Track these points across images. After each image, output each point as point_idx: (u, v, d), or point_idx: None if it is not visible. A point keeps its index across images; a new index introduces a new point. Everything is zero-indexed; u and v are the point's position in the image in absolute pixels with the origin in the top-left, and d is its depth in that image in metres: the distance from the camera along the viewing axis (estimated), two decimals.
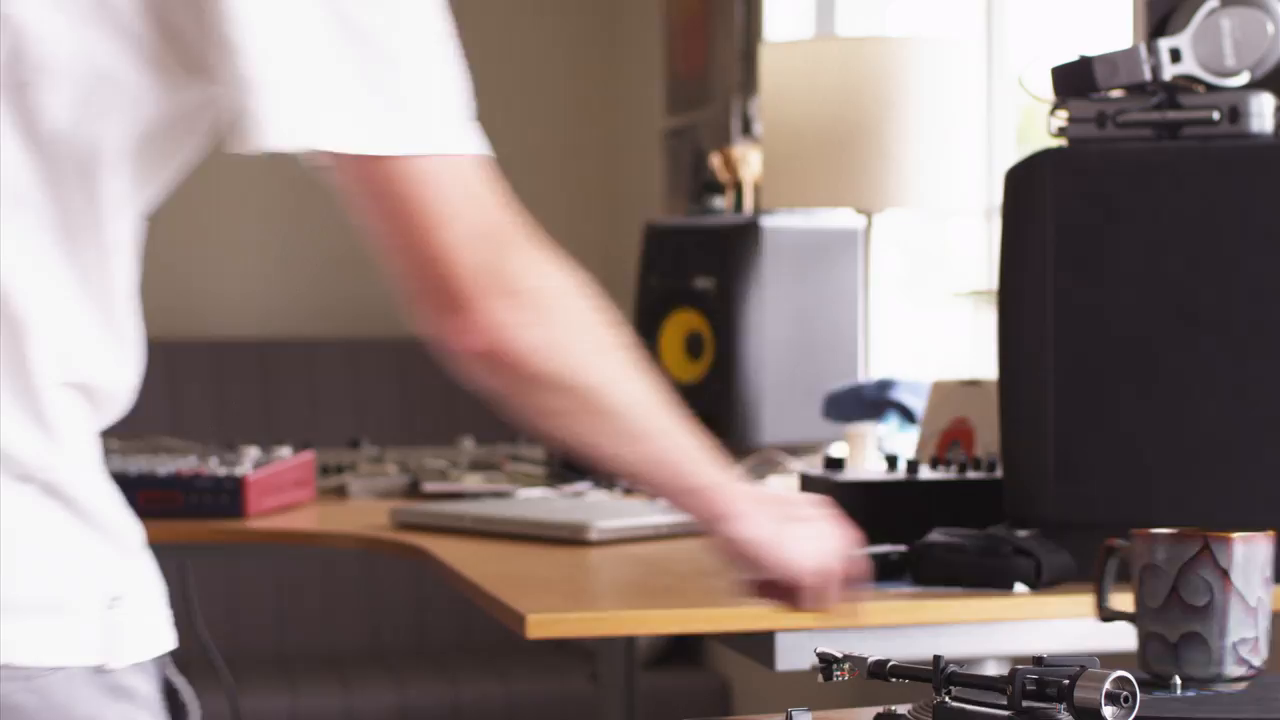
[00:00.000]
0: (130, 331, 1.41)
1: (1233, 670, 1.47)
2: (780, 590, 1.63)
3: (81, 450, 1.36)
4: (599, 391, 1.49)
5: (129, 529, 1.39)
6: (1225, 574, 1.46)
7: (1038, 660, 1.31)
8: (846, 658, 1.40)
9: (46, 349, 1.33)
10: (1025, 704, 1.28)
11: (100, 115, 1.34)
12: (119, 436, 3.51)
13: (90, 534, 1.35)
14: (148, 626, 1.38)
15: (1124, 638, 1.57)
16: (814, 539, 1.62)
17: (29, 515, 1.32)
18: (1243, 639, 1.47)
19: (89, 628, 1.33)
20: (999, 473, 2.22)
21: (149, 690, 1.38)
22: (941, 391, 2.79)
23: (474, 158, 1.41)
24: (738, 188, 3.72)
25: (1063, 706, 1.27)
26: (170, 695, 1.42)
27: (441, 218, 1.39)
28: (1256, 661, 1.48)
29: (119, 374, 1.40)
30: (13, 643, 1.29)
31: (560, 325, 1.46)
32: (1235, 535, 1.47)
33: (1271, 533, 1.49)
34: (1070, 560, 2.03)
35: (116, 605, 1.35)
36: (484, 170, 1.42)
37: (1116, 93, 2.10)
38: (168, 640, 1.40)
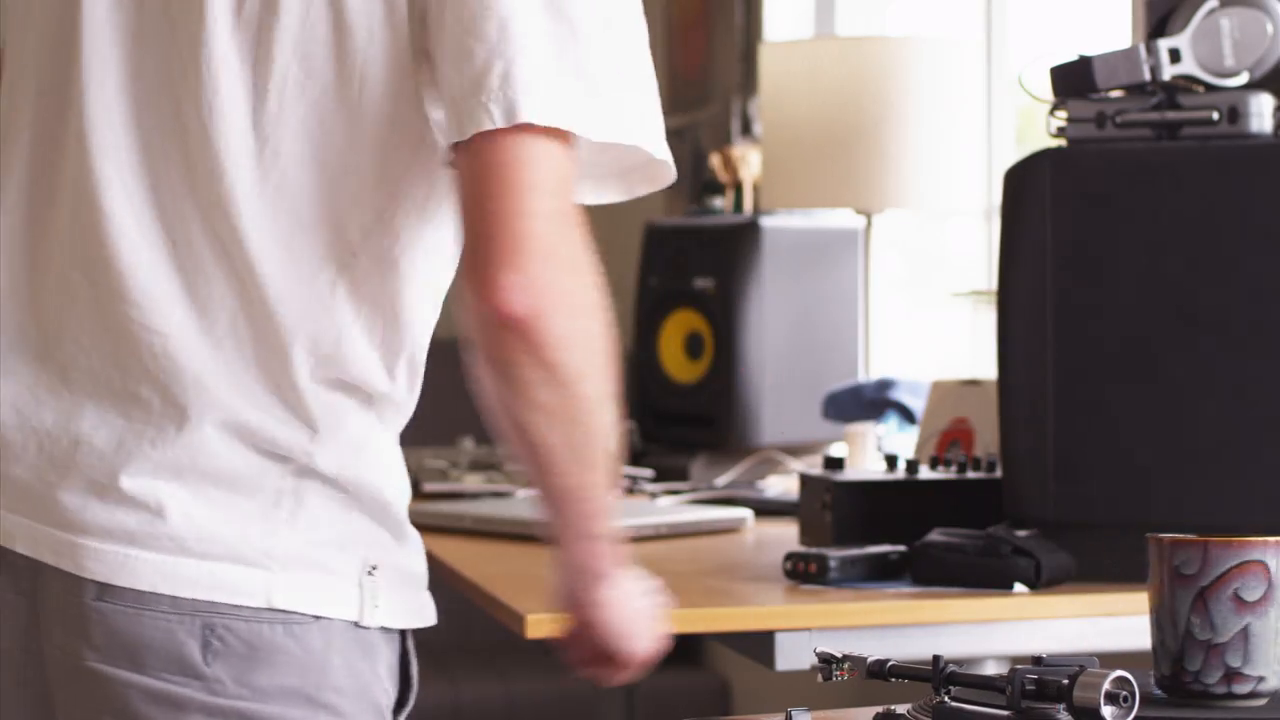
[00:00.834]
0: (407, 347, 1.59)
1: None
2: (595, 658, 1.65)
3: (344, 439, 1.55)
4: (587, 406, 1.52)
5: (392, 514, 1.59)
6: None
7: (1037, 660, 1.31)
8: (846, 658, 1.40)
9: (308, 352, 1.53)
10: (1024, 704, 1.28)
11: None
12: None
13: (351, 511, 1.56)
14: (400, 598, 1.58)
15: (1124, 637, 1.57)
16: (650, 623, 1.66)
17: (290, 489, 1.54)
18: None
19: (347, 587, 1.55)
20: (998, 473, 2.22)
21: (390, 657, 1.59)
22: (941, 391, 2.79)
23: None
24: (738, 188, 3.72)
25: (1062, 706, 1.27)
26: (404, 668, 1.61)
27: (534, 180, 1.47)
28: None
29: (387, 382, 1.58)
30: (278, 590, 1.52)
31: (585, 331, 1.51)
32: None
33: None
34: (1069, 560, 2.03)
35: (374, 573, 1.56)
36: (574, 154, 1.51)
37: (1116, 93, 2.10)
38: (418, 618, 1.60)
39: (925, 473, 2.33)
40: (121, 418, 1.54)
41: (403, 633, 1.61)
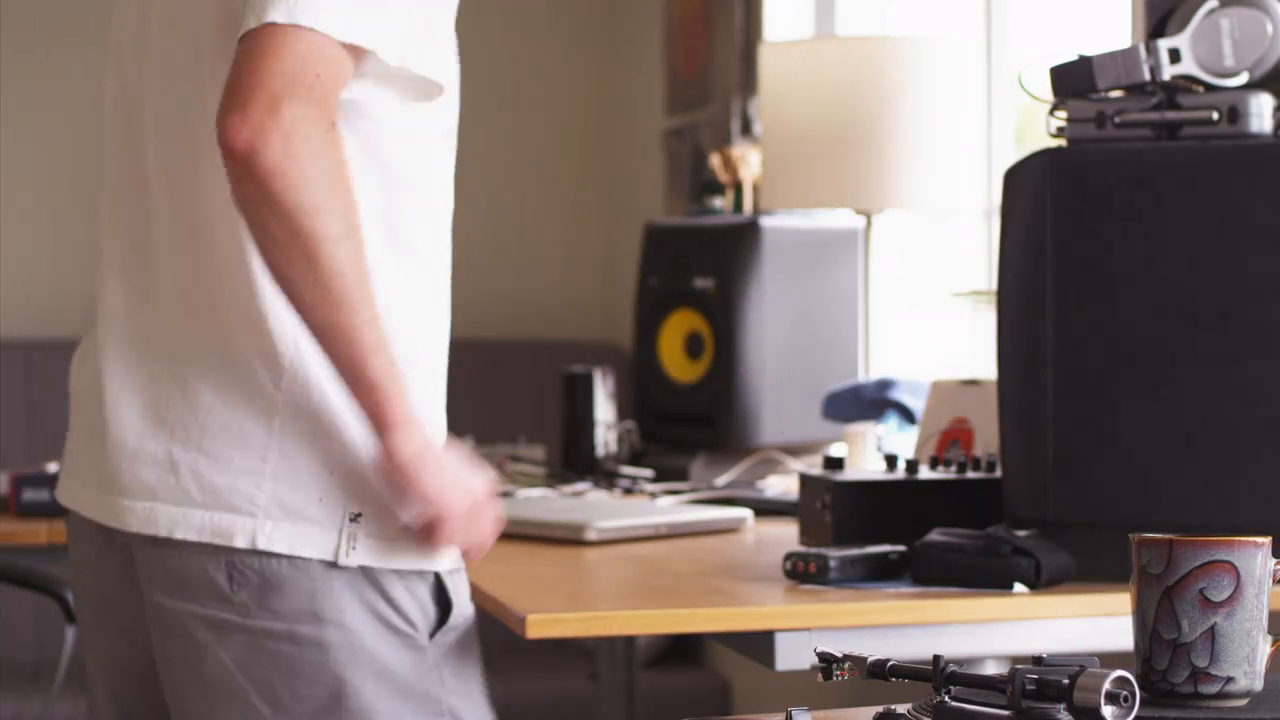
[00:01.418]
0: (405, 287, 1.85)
1: None
2: (424, 520, 1.85)
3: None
4: (316, 239, 1.71)
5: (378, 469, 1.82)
6: None
7: (1037, 660, 1.31)
8: (846, 657, 1.40)
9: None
10: (1025, 704, 1.28)
11: None
12: None
13: (336, 461, 1.83)
14: (386, 542, 1.85)
15: (1124, 637, 1.57)
16: (460, 474, 1.85)
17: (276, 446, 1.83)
18: None
19: (324, 532, 1.83)
20: (998, 473, 2.22)
21: (408, 586, 1.86)
22: (941, 391, 2.79)
23: (321, 35, 1.73)
24: (738, 188, 3.72)
25: (1062, 706, 1.27)
26: (443, 608, 1.89)
27: (278, 54, 1.71)
28: None
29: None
30: (261, 534, 1.83)
31: (311, 171, 1.70)
32: None
33: None
34: (1069, 560, 2.03)
35: (358, 520, 1.84)
36: (330, 50, 1.74)
37: (1116, 93, 2.10)
38: (416, 561, 1.86)
39: (925, 473, 2.33)
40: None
41: (422, 574, 1.87)
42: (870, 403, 3.09)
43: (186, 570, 1.85)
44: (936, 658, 1.34)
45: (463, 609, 1.92)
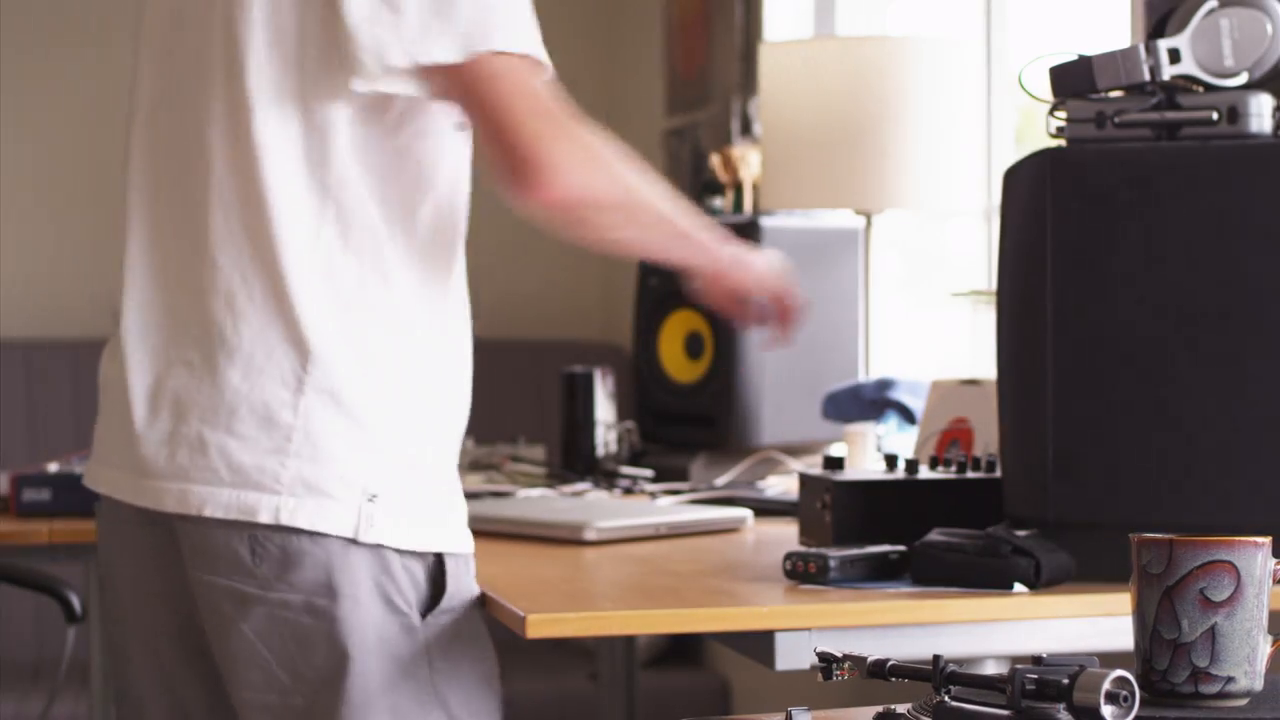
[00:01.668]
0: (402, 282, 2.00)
1: None
2: (735, 305, 2.32)
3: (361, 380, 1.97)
4: (641, 205, 2.07)
5: (396, 452, 1.98)
6: None
7: (1037, 660, 1.31)
8: (846, 657, 1.40)
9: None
10: (1025, 703, 1.28)
11: None
12: None
13: (357, 444, 1.96)
14: (401, 521, 1.98)
15: (1123, 637, 1.57)
16: (770, 266, 2.33)
17: (309, 422, 1.95)
18: None
19: (344, 511, 1.96)
20: (998, 473, 2.22)
21: (409, 566, 1.99)
22: (940, 391, 2.79)
23: (528, 59, 1.97)
24: (737, 188, 3.72)
25: (1062, 706, 1.27)
26: (437, 591, 2.01)
27: (507, 102, 1.94)
28: None
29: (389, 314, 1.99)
30: (297, 512, 1.95)
31: (605, 162, 2.01)
32: None
33: None
34: (1069, 560, 2.04)
35: (374, 500, 1.96)
36: (539, 70, 1.99)
37: (1116, 93, 2.10)
38: (428, 542, 2.00)
39: (925, 473, 2.33)
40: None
41: (422, 555, 2.00)
42: (870, 403, 3.09)
43: (214, 546, 1.97)
44: (936, 658, 1.34)
45: (459, 593, 2.02)
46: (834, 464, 2.38)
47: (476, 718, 2.05)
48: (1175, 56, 2.08)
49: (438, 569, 2.02)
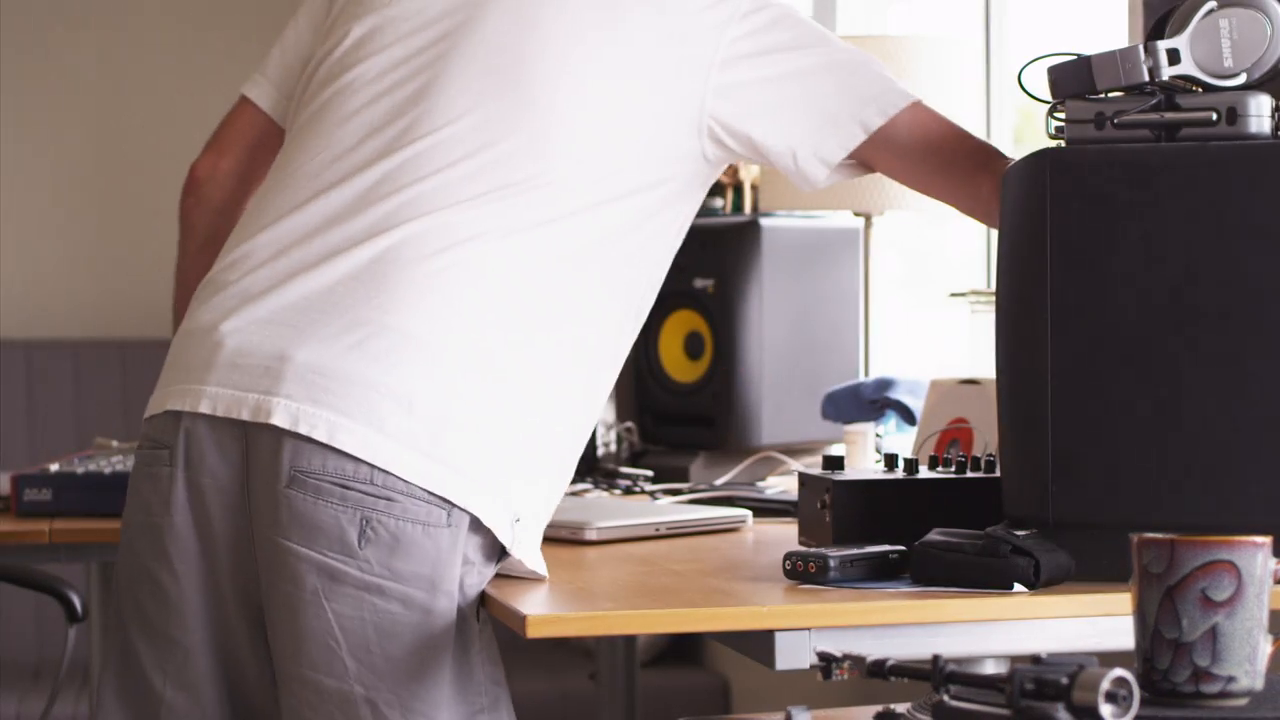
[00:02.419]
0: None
1: None
2: None
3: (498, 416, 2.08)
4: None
5: (540, 486, 2.14)
6: None
7: (1036, 659, 1.31)
8: (846, 657, 1.40)
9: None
10: (1024, 703, 1.28)
11: None
12: (121, 439, 3.51)
13: (508, 475, 2.07)
14: (530, 544, 2.12)
15: (1122, 637, 1.57)
16: None
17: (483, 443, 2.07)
18: None
19: (506, 518, 2.07)
20: (998, 472, 2.22)
21: (486, 571, 2.09)
22: (940, 391, 2.79)
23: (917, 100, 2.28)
24: (737, 188, 3.72)
25: (1061, 705, 1.27)
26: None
27: (931, 152, 2.32)
28: None
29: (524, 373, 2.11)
30: (481, 505, 2.04)
31: None
32: None
33: None
34: (1068, 560, 2.04)
35: (517, 524, 2.08)
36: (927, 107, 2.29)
37: (1115, 94, 2.10)
38: (536, 565, 2.13)
39: (924, 472, 2.33)
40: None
41: (497, 562, 2.09)
42: (870, 403, 3.09)
43: (317, 517, 1.98)
44: (936, 657, 1.34)
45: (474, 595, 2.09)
46: (834, 464, 2.38)
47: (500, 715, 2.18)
48: (1174, 57, 2.08)
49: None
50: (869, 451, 2.98)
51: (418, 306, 2.06)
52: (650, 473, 3.22)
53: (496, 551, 2.10)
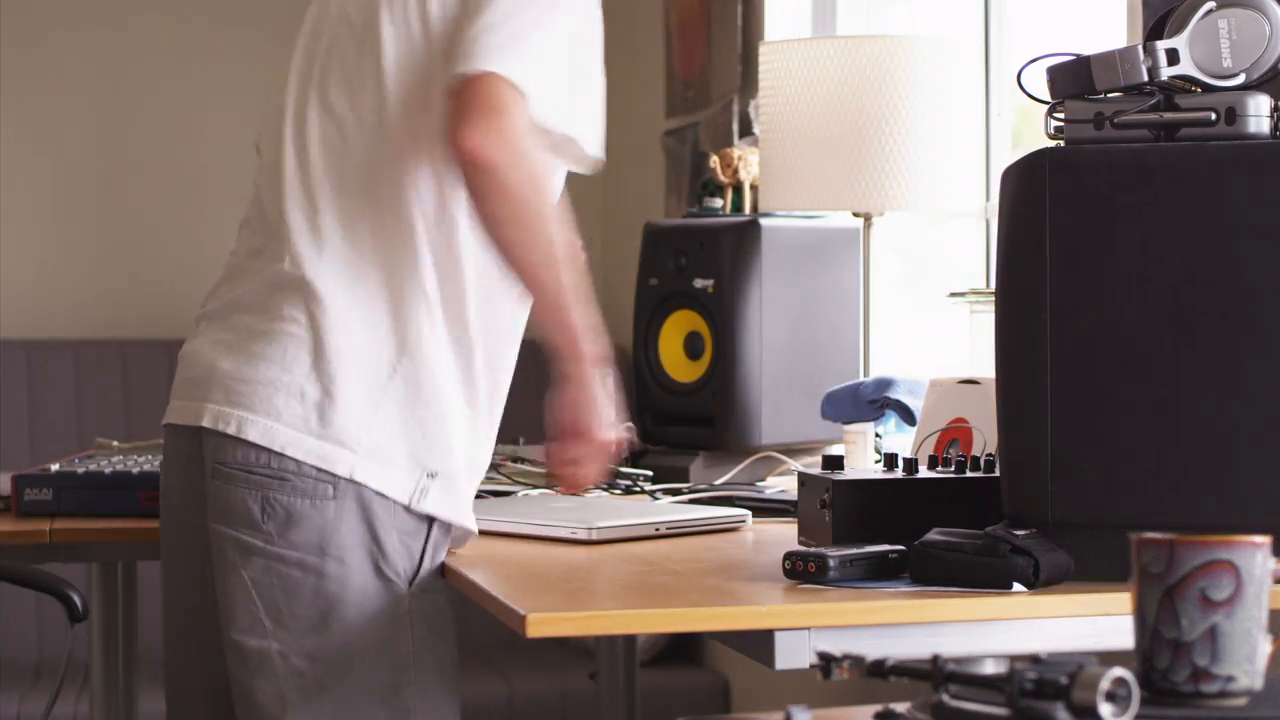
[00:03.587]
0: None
1: None
2: (567, 436, 2.34)
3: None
4: (537, 216, 2.24)
5: (453, 440, 2.32)
6: None
7: (1036, 659, 1.31)
8: (845, 656, 1.41)
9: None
10: (1023, 702, 1.29)
11: None
12: (120, 439, 3.51)
13: (422, 427, 2.30)
14: (446, 500, 2.32)
15: (1122, 637, 1.57)
16: (613, 414, 2.34)
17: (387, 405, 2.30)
18: None
19: (408, 481, 2.29)
20: (997, 472, 2.22)
21: (402, 535, 2.29)
22: (939, 391, 2.79)
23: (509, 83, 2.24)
24: (737, 188, 3.72)
25: (1061, 705, 1.28)
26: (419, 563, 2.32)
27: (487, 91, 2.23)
28: None
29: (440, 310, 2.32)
30: (369, 474, 2.27)
31: (526, 170, 2.22)
32: None
33: None
34: (1068, 560, 2.04)
35: (431, 477, 2.30)
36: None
37: (1114, 94, 2.10)
38: (454, 517, 2.33)
39: (924, 472, 2.33)
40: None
41: (429, 526, 2.31)
42: (869, 403, 3.09)
43: (231, 500, 2.29)
44: (935, 657, 1.35)
45: (433, 565, 2.32)
46: (834, 464, 2.38)
47: (442, 698, 2.32)
48: (1173, 57, 2.08)
49: (426, 539, 2.32)
50: (869, 451, 2.98)
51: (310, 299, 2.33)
52: (650, 473, 3.22)
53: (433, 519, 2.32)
